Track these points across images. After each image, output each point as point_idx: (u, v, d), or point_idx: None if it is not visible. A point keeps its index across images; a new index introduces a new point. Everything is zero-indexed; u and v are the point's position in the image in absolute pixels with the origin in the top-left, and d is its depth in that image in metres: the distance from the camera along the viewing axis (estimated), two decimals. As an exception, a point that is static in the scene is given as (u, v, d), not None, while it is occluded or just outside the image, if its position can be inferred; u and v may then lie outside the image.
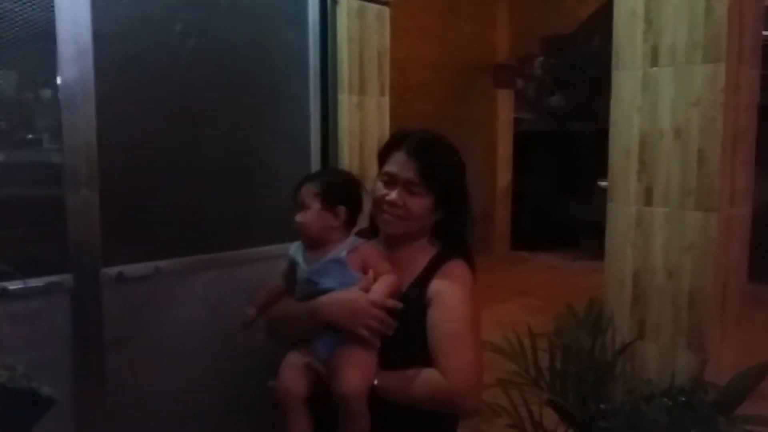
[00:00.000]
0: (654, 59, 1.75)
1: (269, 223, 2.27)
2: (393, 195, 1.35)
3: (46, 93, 1.79)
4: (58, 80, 1.72)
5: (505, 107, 6.98)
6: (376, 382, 1.25)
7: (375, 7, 2.56)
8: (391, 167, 1.37)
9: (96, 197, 1.80)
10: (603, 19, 5.96)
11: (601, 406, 1.63)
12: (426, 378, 1.26)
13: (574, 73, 7.64)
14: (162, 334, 1.97)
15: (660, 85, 1.73)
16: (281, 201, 2.30)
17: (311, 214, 1.36)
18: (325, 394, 1.25)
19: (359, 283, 1.29)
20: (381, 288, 1.28)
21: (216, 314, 2.11)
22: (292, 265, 1.41)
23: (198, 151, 2.06)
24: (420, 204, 1.35)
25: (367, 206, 1.47)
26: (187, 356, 2.03)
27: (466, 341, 1.28)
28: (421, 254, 1.41)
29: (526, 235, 7.27)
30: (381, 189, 1.38)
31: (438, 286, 1.34)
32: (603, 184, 6.76)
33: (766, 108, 1.99)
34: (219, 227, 2.13)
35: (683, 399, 1.54)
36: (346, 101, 2.48)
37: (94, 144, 1.78)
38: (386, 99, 2.67)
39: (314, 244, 1.37)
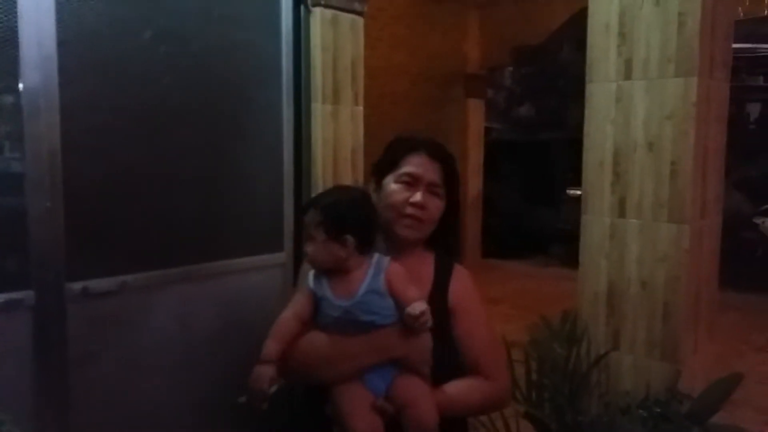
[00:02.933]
0: (627, 72, 1.77)
1: (241, 234, 2.23)
2: (418, 196, 1.29)
3: (8, 99, 1.73)
4: (21, 86, 1.66)
5: (476, 116, 7.03)
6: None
7: (349, 16, 2.55)
8: (413, 168, 1.31)
9: (60, 208, 1.74)
10: (573, 30, 6.06)
11: (579, 418, 1.63)
12: (474, 386, 1.28)
13: (544, 83, 7.76)
14: (129, 351, 1.91)
15: (633, 98, 1.75)
16: (254, 212, 2.28)
17: (317, 247, 1.21)
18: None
19: (418, 316, 1.17)
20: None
21: (186, 330, 2.06)
22: (314, 299, 1.23)
23: (167, 161, 2.01)
24: (439, 207, 1.33)
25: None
26: (155, 373, 1.97)
27: (496, 341, 1.36)
28: (423, 261, 1.38)
29: (496, 242, 7.32)
30: (401, 192, 1.31)
31: (458, 293, 1.34)
32: (572, 192, 6.84)
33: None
34: (189, 239, 2.08)
35: (658, 411, 1.55)
36: (319, 110, 2.46)
37: (58, 152, 1.72)
38: (360, 108, 2.65)
39: (334, 271, 1.23)
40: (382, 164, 1.38)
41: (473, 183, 7.01)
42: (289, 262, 2.39)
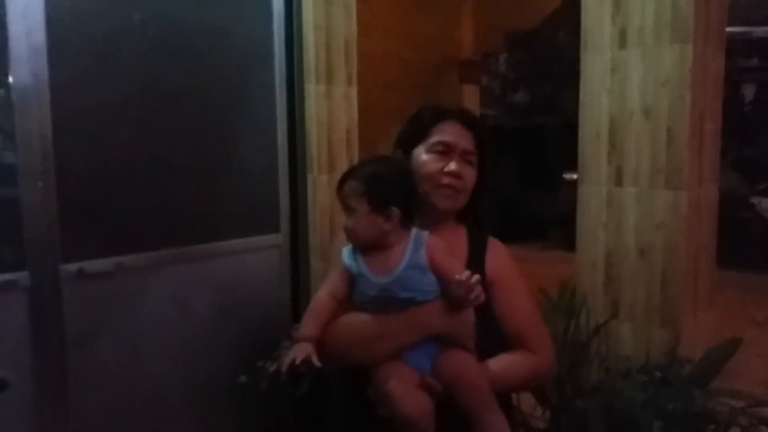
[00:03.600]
0: (622, 41, 1.76)
1: (237, 215, 2.22)
2: (453, 165, 1.24)
3: (-1, 92, 1.72)
4: (10, 79, 1.65)
5: (470, 103, 7.02)
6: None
7: (341, -5, 2.53)
8: (446, 137, 1.27)
9: (53, 191, 1.73)
10: (567, 14, 6.06)
11: (579, 384, 1.63)
12: (519, 360, 1.25)
13: (538, 69, 7.74)
14: (127, 332, 1.90)
15: (629, 67, 1.74)
16: (249, 193, 2.27)
17: (359, 220, 1.14)
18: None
19: (458, 290, 1.11)
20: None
21: (183, 311, 2.05)
22: (349, 277, 1.17)
23: (161, 142, 1.99)
24: (473, 176, 1.29)
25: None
26: (153, 354, 1.97)
27: (538, 315, 1.32)
28: (455, 234, 1.33)
29: (493, 228, 7.30)
30: (434, 161, 1.26)
31: (496, 266, 1.30)
32: (568, 176, 6.84)
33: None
34: (184, 220, 2.07)
35: (659, 375, 1.55)
36: (313, 91, 2.44)
37: (50, 138, 1.71)
38: (354, 89, 2.63)
39: (371, 247, 1.17)
40: (408, 135, 1.33)
41: (469, 169, 6.99)
42: (285, 243, 2.38)
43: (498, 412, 1.11)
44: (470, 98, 7.03)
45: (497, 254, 1.33)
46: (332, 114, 2.53)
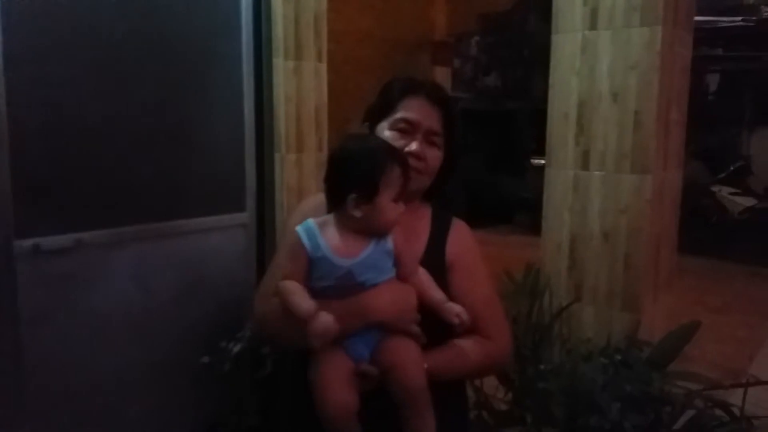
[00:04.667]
0: (593, 22, 1.75)
1: (202, 193, 2.16)
2: (414, 146, 1.19)
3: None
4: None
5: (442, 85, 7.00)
6: (425, 365, 1.11)
7: (310, -32, 2.47)
8: (410, 114, 1.20)
9: (6, 163, 1.65)
10: (538, -2, 6.05)
11: (541, 367, 1.64)
12: (473, 346, 1.19)
13: (510, 52, 7.75)
14: (86, 311, 1.85)
15: (598, 49, 1.74)
16: (214, 170, 2.22)
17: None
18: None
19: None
20: (440, 294, 1.14)
21: (145, 290, 2.00)
22: (309, 258, 1.10)
23: (123, 115, 1.92)
24: (437, 157, 1.23)
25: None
26: (113, 334, 1.92)
27: (496, 300, 1.26)
28: (419, 215, 1.28)
29: (460, 209, 7.34)
30: (395, 140, 1.20)
31: (456, 249, 1.26)
32: (536, 161, 6.90)
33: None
34: (147, 197, 2.00)
35: (619, 358, 1.57)
36: (281, 66, 2.38)
37: (3, 105, 1.63)
38: (324, 66, 2.58)
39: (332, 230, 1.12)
40: (376, 108, 1.27)
41: (439, 152, 7.00)
42: (252, 222, 2.34)
43: (429, 407, 1.07)
44: (442, 80, 7.00)
45: (460, 237, 1.28)
46: (301, 91, 2.48)
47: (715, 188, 6.47)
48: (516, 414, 1.74)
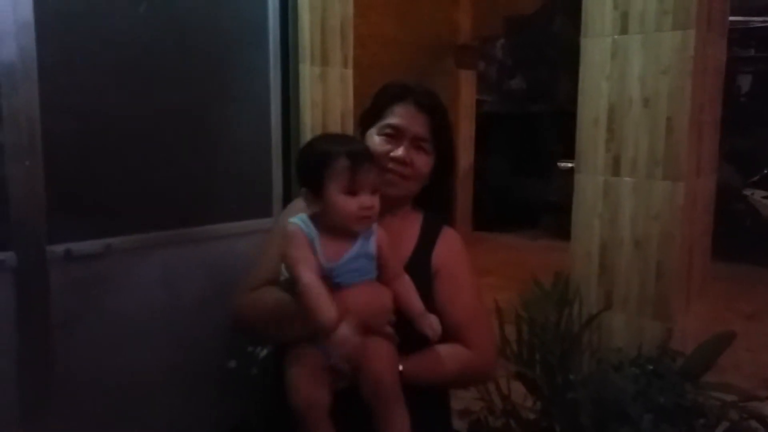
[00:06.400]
0: (624, 26, 1.72)
1: (229, 199, 2.19)
2: (400, 151, 1.20)
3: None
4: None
5: (467, 88, 6.95)
6: (401, 368, 1.13)
7: (337, -25, 2.48)
8: (397, 120, 1.22)
9: (40, 170, 1.69)
10: (564, -1, 6.00)
11: (570, 377, 1.62)
12: (452, 354, 1.19)
13: (535, 54, 7.70)
14: (115, 315, 1.87)
15: (629, 53, 1.71)
16: (241, 176, 2.24)
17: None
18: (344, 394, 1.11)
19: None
20: (421, 303, 1.14)
21: (172, 294, 2.02)
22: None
23: (152, 124, 1.95)
24: (425, 163, 1.24)
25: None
26: (141, 338, 1.94)
27: (481, 311, 1.26)
28: (408, 221, 1.29)
29: (487, 215, 7.31)
30: (382, 145, 1.22)
31: (443, 256, 1.26)
32: (563, 164, 6.85)
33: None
34: (175, 203, 2.03)
35: (651, 368, 1.54)
36: (307, 72, 2.39)
37: (37, 117, 1.68)
38: (350, 71, 2.59)
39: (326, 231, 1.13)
40: (367, 114, 1.30)
41: (464, 156, 6.96)
42: (278, 227, 2.35)
43: (401, 405, 1.07)
44: (467, 84, 6.96)
45: (447, 244, 1.28)
46: (327, 96, 2.49)
47: (747, 192, 6.32)
48: (545, 424, 1.72)
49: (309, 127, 2.42)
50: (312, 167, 1.11)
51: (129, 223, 1.90)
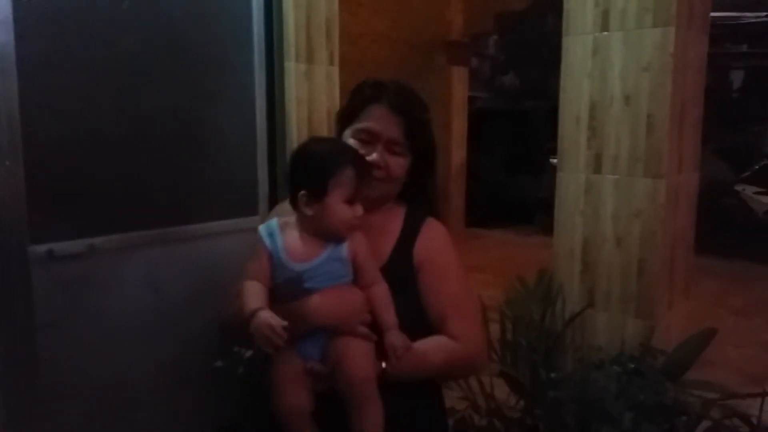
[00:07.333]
0: (604, 24, 1.72)
1: (214, 197, 2.17)
2: (375, 155, 1.19)
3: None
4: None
5: (459, 85, 6.94)
6: (384, 365, 1.12)
7: (322, -28, 2.47)
8: (371, 124, 1.21)
9: (20, 169, 1.67)
10: (555, -5, 5.99)
11: (552, 375, 1.62)
12: (437, 346, 1.18)
13: (527, 51, 7.70)
14: (99, 316, 1.86)
15: (610, 51, 1.71)
16: (226, 174, 2.23)
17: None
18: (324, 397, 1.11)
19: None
20: (393, 317, 1.13)
21: (157, 294, 2.01)
22: (270, 255, 1.13)
23: (136, 121, 1.93)
24: (401, 165, 1.23)
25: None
26: (126, 338, 1.93)
27: (467, 301, 1.25)
28: (391, 216, 1.29)
29: (480, 212, 7.32)
30: (357, 148, 1.21)
31: (426, 248, 1.25)
32: (555, 161, 6.88)
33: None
34: (159, 202, 2.02)
35: (632, 366, 1.54)
36: (293, 69, 2.38)
37: (17, 113, 1.65)
38: (335, 69, 2.58)
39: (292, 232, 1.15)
40: (343, 113, 1.29)
41: (457, 153, 6.96)
42: (264, 226, 2.35)
43: (375, 404, 1.07)
44: (459, 80, 6.95)
45: (430, 236, 1.27)
46: (313, 94, 2.48)
47: (738, 187, 6.33)
48: (528, 422, 1.72)
49: (295, 125, 2.41)
50: (316, 173, 1.11)
51: (112, 222, 1.89)
